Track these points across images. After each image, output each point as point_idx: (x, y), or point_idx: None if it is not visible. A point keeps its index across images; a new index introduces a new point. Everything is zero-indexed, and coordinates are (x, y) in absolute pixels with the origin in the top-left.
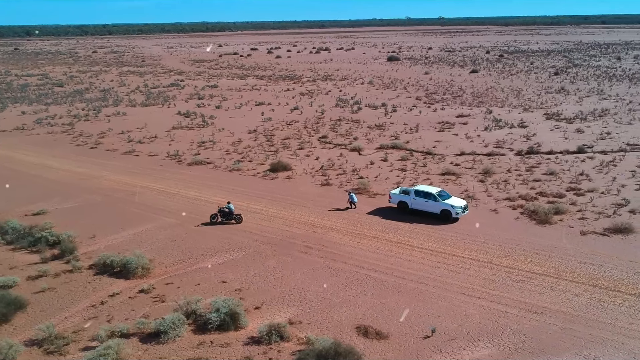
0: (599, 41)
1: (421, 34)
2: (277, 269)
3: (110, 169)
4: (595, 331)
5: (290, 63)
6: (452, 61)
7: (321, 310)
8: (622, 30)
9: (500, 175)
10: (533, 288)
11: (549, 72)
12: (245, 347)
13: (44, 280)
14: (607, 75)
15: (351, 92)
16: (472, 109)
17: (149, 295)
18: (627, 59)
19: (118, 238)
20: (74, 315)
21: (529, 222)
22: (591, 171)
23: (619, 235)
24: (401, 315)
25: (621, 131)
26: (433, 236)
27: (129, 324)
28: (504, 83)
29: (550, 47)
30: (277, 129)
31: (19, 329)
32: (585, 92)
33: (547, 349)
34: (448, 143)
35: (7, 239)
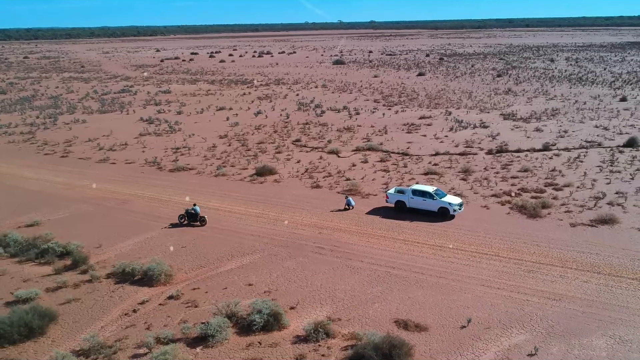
0: (528, 44)
1: (356, 38)
2: (298, 270)
3: (91, 177)
4: (612, 314)
5: (236, 67)
6: (396, 64)
7: (354, 307)
8: (546, 33)
9: (479, 174)
10: (544, 277)
11: (491, 74)
12: (294, 346)
13: (66, 292)
14: (546, 77)
15: (308, 95)
16: (431, 111)
17: (180, 301)
18: (560, 60)
19: (125, 246)
20: (110, 324)
21: (520, 217)
22: (561, 167)
23: (605, 225)
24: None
25: (576, 129)
26: (436, 233)
27: (172, 329)
28: (453, 85)
29: (484, 50)
30: (247, 134)
31: (57, 341)
32: (531, 92)
33: (575, 332)
34: (420, 144)
35: (11, 251)
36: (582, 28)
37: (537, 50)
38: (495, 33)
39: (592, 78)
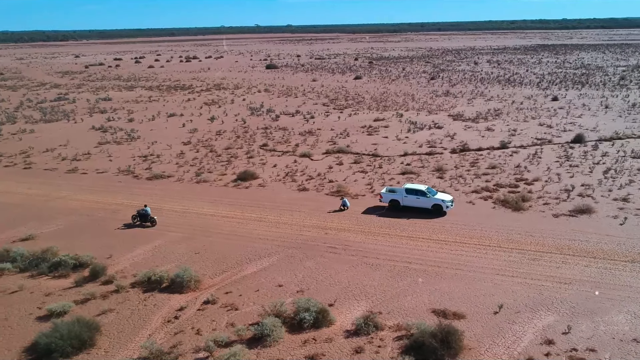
0: (447, 47)
1: (277, 42)
2: (320, 270)
3: (67, 188)
4: (620, 293)
5: (168, 73)
6: (330, 68)
7: (389, 301)
8: (460, 37)
9: (452, 172)
10: (549, 264)
11: (424, 77)
12: (348, 340)
13: (96, 303)
14: (476, 79)
15: (255, 100)
16: (382, 113)
17: (217, 305)
18: (482, 63)
19: (136, 256)
20: (156, 332)
21: (506, 210)
22: (524, 163)
23: (584, 215)
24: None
25: (523, 128)
26: (435, 229)
27: (223, 333)
28: (393, 88)
29: (408, 54)
30: (210, 140)
31: (110, 351)
32: (469, 94)
33: (595, 311)
34: (385, 145)
35: (19, 266)
36: (491, 32)
37: (457, 53)
38: (412, 37)
39: (519, 79)
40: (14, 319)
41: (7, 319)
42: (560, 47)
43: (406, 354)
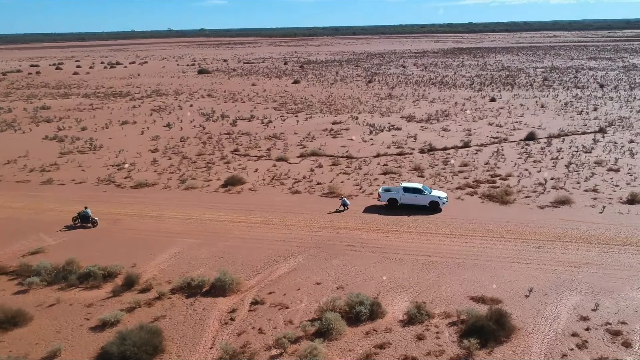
0: (369, 51)
1: (196, 46)
2: (349, 267)
3: (52, 200)
4: (625, 272)
5: (97, 79)
6: (264, 73)
7: (426, 291)
8: (376, 40)
9: (429, 170)
10: (554, 250)
11: (361, 80)
12: (406, 329)
13: (143, 311)
14: (411, 82)
15: (204, 106)
16: (336, 117)
17: (266, 305)
18: (410, 66)
19: (161, 263)
20: (219, 334)
21: (494, 204)
22: (491, 160)
23: (565, 205)
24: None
25: (476, 127)
26: (438, 224)
27: (286, 329)
28: (335, 92)
29: (334, 58)
30: (177, 146)
31: (183, 356)
32: (411, 97)
33: (611, 289)
34: (354, 147)
35: (47, 279)
36: (404, 35)
37: (382, 57)
38: (330, 41)
39: (451, 82)
40: (66, 331)
41: (60, 332)
42: (476, 50)
43: (465, 338)
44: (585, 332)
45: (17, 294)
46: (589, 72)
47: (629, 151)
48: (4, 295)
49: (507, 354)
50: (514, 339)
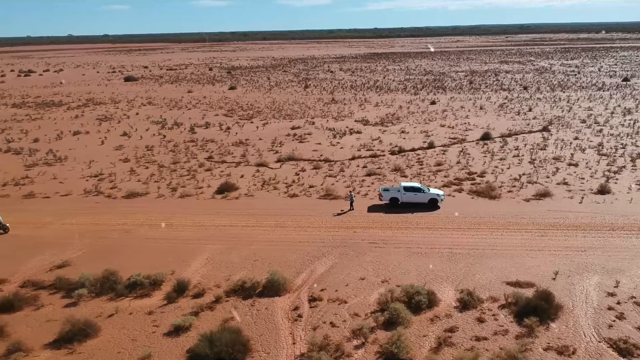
0: (289, 56)
1: (105, 52)
2: (382, 262)
3: (46, 214)
4: (626, 254)
5: (18, 88)
6: (193, 79)
7: (465, 280)
8: (289, 45)
9: (409, 171)
10: (557, 238)
11: (294, 86)
12: (464, 314)
13: (208, 314)
14: (346, 87)
15: (151, 114)
16: (291, 122)
17: (324, 301)
18: (337, 71)
19: (199, 269)
20: (294, 331)
21: (483, 199)
22: (462, 159)
23: (546, 198)
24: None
25: (431, 129)
26: (443, 220)
27: (356, 321)
28: (277, 98)
29: (257, 63)
30: (146, 155)
31: (272, 353)
32: (353, 101)
33: (620, 268)
34: (325, 151)
35: (95, 291)
36: (317, 40)
37: (304, 62)
38: (244, 46)
39: (385, 86)
40: (142, 338)
41: (136, 340)
42: (392, 55)
43: (520, 318)
44: (618, 306)
45: (67, 307)
46: (507, 75)
47: (579, 147)
48: (55, 309)
49: (562, 329)
50: (561, 316)
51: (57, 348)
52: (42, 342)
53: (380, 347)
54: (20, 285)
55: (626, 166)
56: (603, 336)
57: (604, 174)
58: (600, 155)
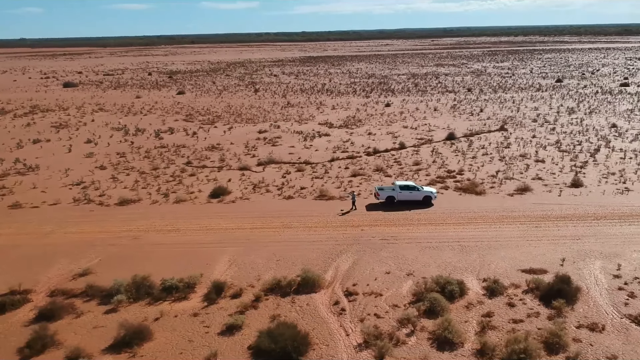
0: (225, 60)
1: (29, 57)
2: (399, 256)
3: (43, 223)
4: (615, 240)
5: None
6: (136, 84)
7: (483, 269)
8: (221, 49)
9: (391, 170)
10: (551, 228)
11: (243, 89)
12: (493, 300)
13: (259, 312)
14: (296, 90)
15: (109, 120)
16: (255, 126)
17: (360, 295)
18: (280, 75)
19: (226, 271)
20: (343, 323)
21: (471, 195)
22: (437, 159)
23: (527, 192)
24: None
25: (395, 130)
26: (441, 216)
27: (396, 313)
28: (232, 102)
29: (195, 67)
30: (121, 162)
31: (330, 345)
32: (309, 104)
33: (616, 253)
34: (302, 153)
35: (131, 296)
36: (247, 44)
37: (243, 66)
38: (174, 50)
39: (334, 89)
40: (198, 339)
41: (192, 340)
42: (329, 59)
43: (545, 301)
44: (627, 286)
45: (108, 313)
46: (447, 78)
47: (539, 145)
48: (97, 316)
49: (585, 308)
50: (581, 297)
51: (117, 352)
52: (98, 348)
53: (430, 334)
54: (48, 295)
55: (588, 161)
56: (623, 313)
57: (571, 169)
58: (561, 151)
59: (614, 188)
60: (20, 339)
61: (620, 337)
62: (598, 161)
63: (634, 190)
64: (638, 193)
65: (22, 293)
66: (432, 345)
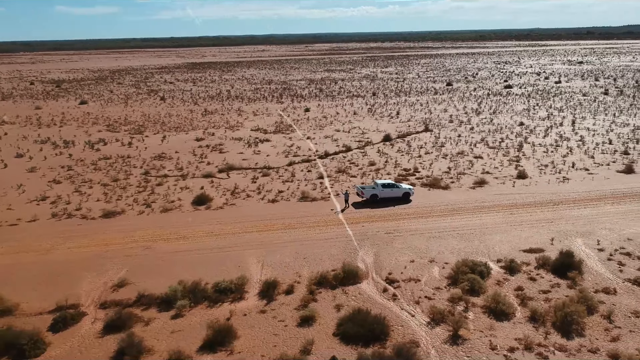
0: (106, 67)
1: None
2: (412, 246)
3: (37, 240)
4: (582, 221)
5: None
6: (25, 94)
7: (489, 252)
8: (93, 56)
9: (352, 171)
10: (524, 214)
11: (145, 96)
12: (515, 276)
13: (316, 305)
14: (202, 97)
15: (23, 134)
16: (188, 134)
17: (400, 282)
18: (176, 82)
19: (264, 271)
20: (404, 306)
21: (439, 190)
22: (388, 159)
23: (486, 185)
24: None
25: (330, 134)
26: (424, 209)
27: (445, 292)
28: (146, 110)
29: (76, 76)
30: (75, 176)
31: (405, 326)
32: (228, 111)
33: (590, 231)
34: (253, 159)
35: (191, 301)
36: (118, 51)
37: (129, 73)
38: (41, 57)
39: (243, 95)
40: (282, 333)
41: (278, 334)
42: (215, 65)
43: (557, 273)
44: (613, 257)
45: (175, 319)
46: (345, 83)
47: (469, 143)
48: (166, 322)
49: (592, 275)
50: (584, 268)
51: (213, 352)
52: (190, 350)
53: (482, 308)
54: (98, 307)
55: (519, 155)
56: (623, 278)
57: (510, 163)
58: (491, 148)
59: (554, 178)
60: (102, 350)
61: (632, 297)
62: (527, 155)
63: (571, 179)
64: (576, 181)
65: (71, 308)
66: (489, 317)
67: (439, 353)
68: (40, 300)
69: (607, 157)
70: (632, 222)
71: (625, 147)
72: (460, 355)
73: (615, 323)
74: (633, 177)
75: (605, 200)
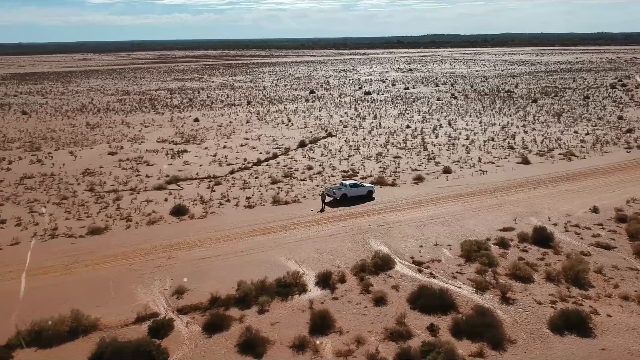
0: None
1: None
2: (409, 235)
3: (42, 262)
4: (528, 202)
5: None
6: None
7: (473, 234)
8: None
9: (298, 175)
10: (476, 201)
11: (9, 112)
12: (510, 250)
13: (374, 288)
14: (69, 111)
15: None
16: (93, 149)
17: (426, 264)
18: (21, 95)
19: (299, 267)
20: (450, 280)
21: (390, 187)
22: (323, 163)
23: (425, 180)
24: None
25: (242, 142)
26: (391, 205)
27: (468, 267)
28: (20, 126)
29: None
30: (11, 197)
31: (468, 297)
32: (114, 124)
33: (534, 210)
34: (186, 170)
35: (273, 297)
36: None
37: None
38: None
39: (108, 107)
40: (369, 313)
41: (365, 314)
42: (45, 75)
43: (540, 244)
44: (568, 229)
45: (261, 314)
46: (208, 92)
47: (379, 145)
48: (257, 317)
49: (564, 244)
50: (554, 239)
51: (325, 334)
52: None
53: (507, 275)
54: (177, 313)
55: (430, 154)
56: (587, 243)
57: (428, 161)
58: (400, 149)
59: (473, 171)
60: (224, 347)
61: (604, 256)
62: (437, 154)
63: (487, 171)
64: (491, 173)
65: (151, 317)
66: (517, 281)
67: (504, 312)
68: (109, 314)
69: (500, 152)
70: (561, 201)
71: (508, 143)
72: (519, 311)
73: (607, 275)
74: (532, 167)
75: (528, 186)
